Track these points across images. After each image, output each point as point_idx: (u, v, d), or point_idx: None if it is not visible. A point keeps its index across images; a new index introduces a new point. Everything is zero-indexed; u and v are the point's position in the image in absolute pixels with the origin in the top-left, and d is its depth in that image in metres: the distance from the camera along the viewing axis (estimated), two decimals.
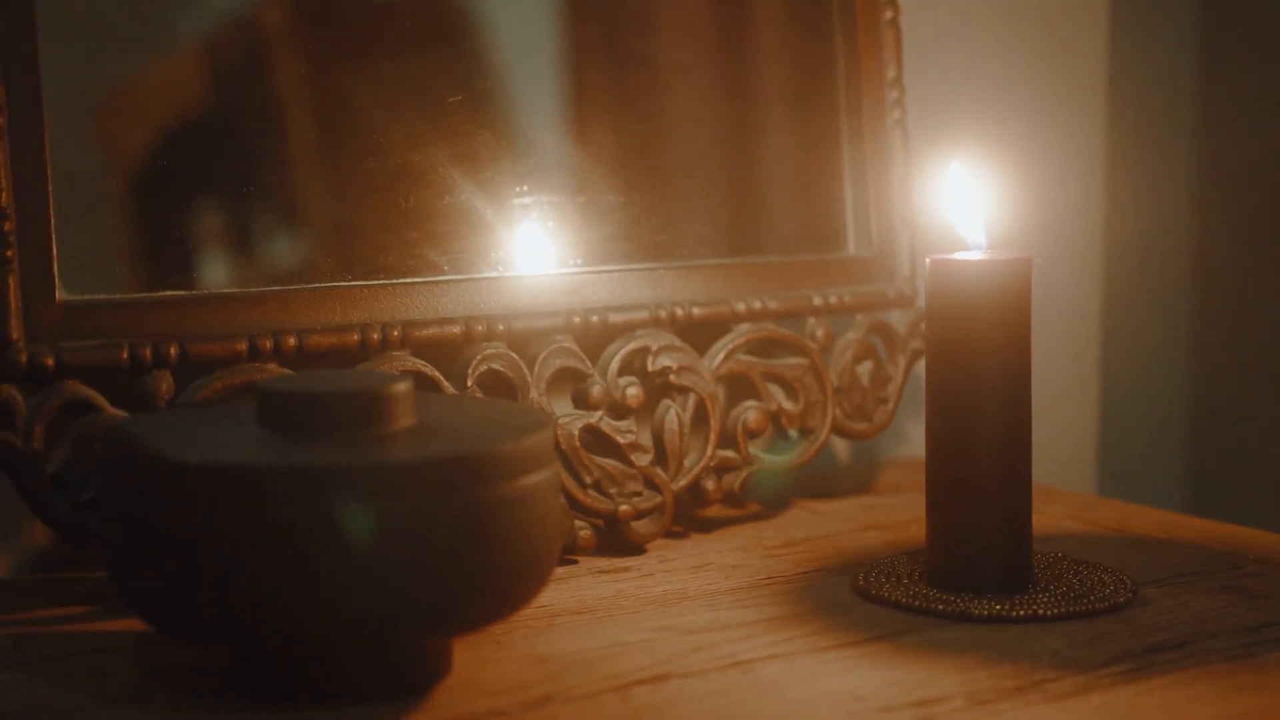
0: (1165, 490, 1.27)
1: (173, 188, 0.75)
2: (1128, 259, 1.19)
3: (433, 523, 0.57)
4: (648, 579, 0.78)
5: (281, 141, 0.76)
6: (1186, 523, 0.88)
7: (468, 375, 0.78)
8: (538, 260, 0.82)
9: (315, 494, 0.56)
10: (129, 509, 0.59)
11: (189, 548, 0.57)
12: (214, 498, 0.57)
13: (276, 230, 0.76)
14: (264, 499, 0.56)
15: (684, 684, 0.63)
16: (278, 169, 0.76)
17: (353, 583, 0.57)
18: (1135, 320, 1.22)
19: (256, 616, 0.57)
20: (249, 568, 0.56)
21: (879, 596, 0.73)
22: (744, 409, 0.86)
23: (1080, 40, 1.12)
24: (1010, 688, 0.62)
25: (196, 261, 0.74)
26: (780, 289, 0.88)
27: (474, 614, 0.60)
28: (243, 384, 0.72)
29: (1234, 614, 0.71)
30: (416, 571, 0.57)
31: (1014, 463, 0.73)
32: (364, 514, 0.56)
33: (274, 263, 0.76)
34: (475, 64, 0.82)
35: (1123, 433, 1.21)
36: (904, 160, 0.93)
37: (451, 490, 0.58)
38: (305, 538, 0.56)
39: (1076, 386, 1.14)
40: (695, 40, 0.89)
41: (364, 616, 0.57)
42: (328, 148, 0.77)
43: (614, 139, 0.86)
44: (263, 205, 0.76)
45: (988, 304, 0.72)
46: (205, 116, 0.75)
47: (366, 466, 0.57)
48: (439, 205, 0.80)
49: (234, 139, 0.76)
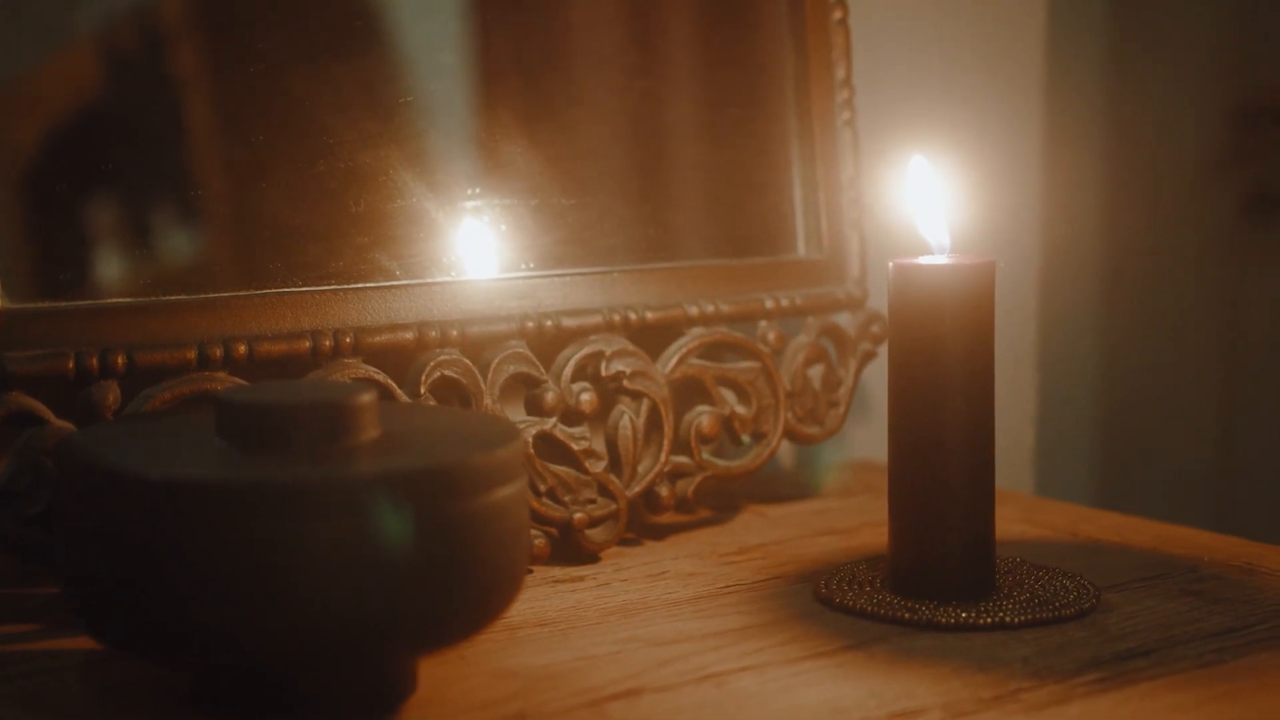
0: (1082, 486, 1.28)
1: (119, 192, 0.72)
2: (1062, 261, 1.19)
3: None
4: (605, 588, 0.77)
5: (230, 145, 0.74)
6: (1139, 525, 0.88)
7: (421, 382, 0.76)
8: (491, 264, 0.81)
9: (285, 509, 0.54)
10: (86, 525, 0.57)
11: (151, 564, 0.55)
12: (178, 513, 0.55)
13: (225, 235, 0.74)
14: (230, 515, 0.54)
15: (658, 699, 0.61)
16: (226, 173, 0.74)
17: (324, 601, 0.55)
18: (1070, 322, 1.23)
19: (221, 635, 0.55)
20: (214, 584, 0.55)
21: (844, 605, 0.72)
22: (697, 414, 0.85)
23: (1018, 41, 1.12)
24: (986, 698, 0.61)
25: (144, 267, 0.72)
26: (732, 292, 0.87)
27: (448, 631, 0.59)
28: (192, 393, 0.70)
29: (1198, 619, 0.70)
30: (389, 589, 0.56)
31: (978, 468, 0.72)
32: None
33: (223, 268, 0.73)
34: (427, 65, 0.80)
35: (1060, 434, 1.22)
36: (853, 161, 0.92)
37: (426, 505, 0.56)
38: (273, 554, 0.54)
39: (1017, 389, 1.14)
40: (647, 41, 0.88)
41: (335, 636, 0.56)
42: (277, 150, 0.75)
43: (566, 141, 0.84)
44: (211, 209, 0.74)
45: (952, 308, 0.71)
46: (151, 118, 0.73)
47: (339, 481, 0.55)
48: (390, 208, 0.78)
49: (181, 142, 0.73)
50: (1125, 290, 1.49)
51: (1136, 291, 1.71)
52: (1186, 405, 1.94)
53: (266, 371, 0.73)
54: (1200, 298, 1.94)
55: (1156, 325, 1.86)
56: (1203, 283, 1.95)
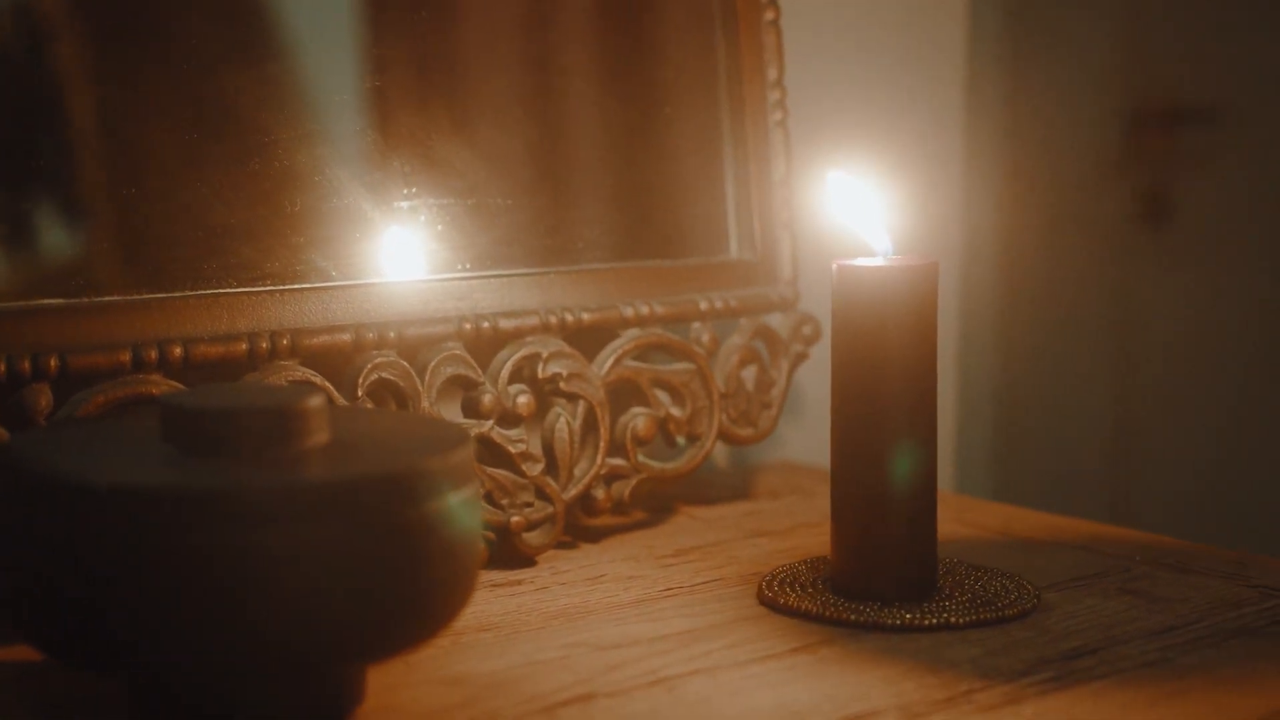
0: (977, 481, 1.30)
1: (48, 191, 0.70)
2: (981, 262, 1.20)
3: (361, 545, 0.55)
4: (545, 592, 0.76)
5: (164, 144, 0.73)
6: (1069, 525, 0.88)
7: (358, 385, 0.75)
8: (428, 265, 0.79)
9: (238, 517, 0.53)
10: (25, 532, 0.55)
11: (97, 573, 0.53)
12: (128, 522, 0.53)
13: (161, 235, 0.72)
14: (183, 522, 0.53)
15: (611, 704, 0.61)
16: (161, 172, 0.72)
17: (278, 610, 0.54)
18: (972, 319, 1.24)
19: (167, 645, 0.54)
20: (160, 594, 0.53)
21: (788, 607, 0.72)
22: (632, 416, 0.85)
23: (940, 42, 1.12)
24: (939, 699, 0.61)
25: (76, 268, 0.70)
26: (667, 293, 0.87)
27: (400, 639, 0.58)
28: (127, 397, 0.69)
29: (1138, 617, 0.71)
30: (342, 597, 0.55)
31: (921, 470, 0.73)
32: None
33: (158, 269, 0.72)
34: (363, 62, 0.79)
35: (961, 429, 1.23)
36: (785, 162, 0.92)
37: (380, 511, 0.55)
38: (227, 561, 0.53)
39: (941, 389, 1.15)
40: (582, 42, 0.87)
41: (288, 645, 0.54)
42: (209, 149, 0.74)
43: (503, 141, 0.83)
44: (146, 209, 0.72)
45: (895, 309, 0.71)
46: (81, 117, 0.71)
47: (292, 487, 0.54)
48: (326, 208, 0.77)
49: (113, 140, 0.71)
50: (1022, 289, 1.51)
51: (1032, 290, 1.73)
52: (1080, 401, 1.97)
53: (202, 374, 0.71)
54: (1095, 297, 1.98)
55: (1052, 324, 1.89)
56: (1097, 282, 1.98)
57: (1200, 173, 1.99)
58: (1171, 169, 2.00)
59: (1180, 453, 1.97)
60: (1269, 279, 1.95)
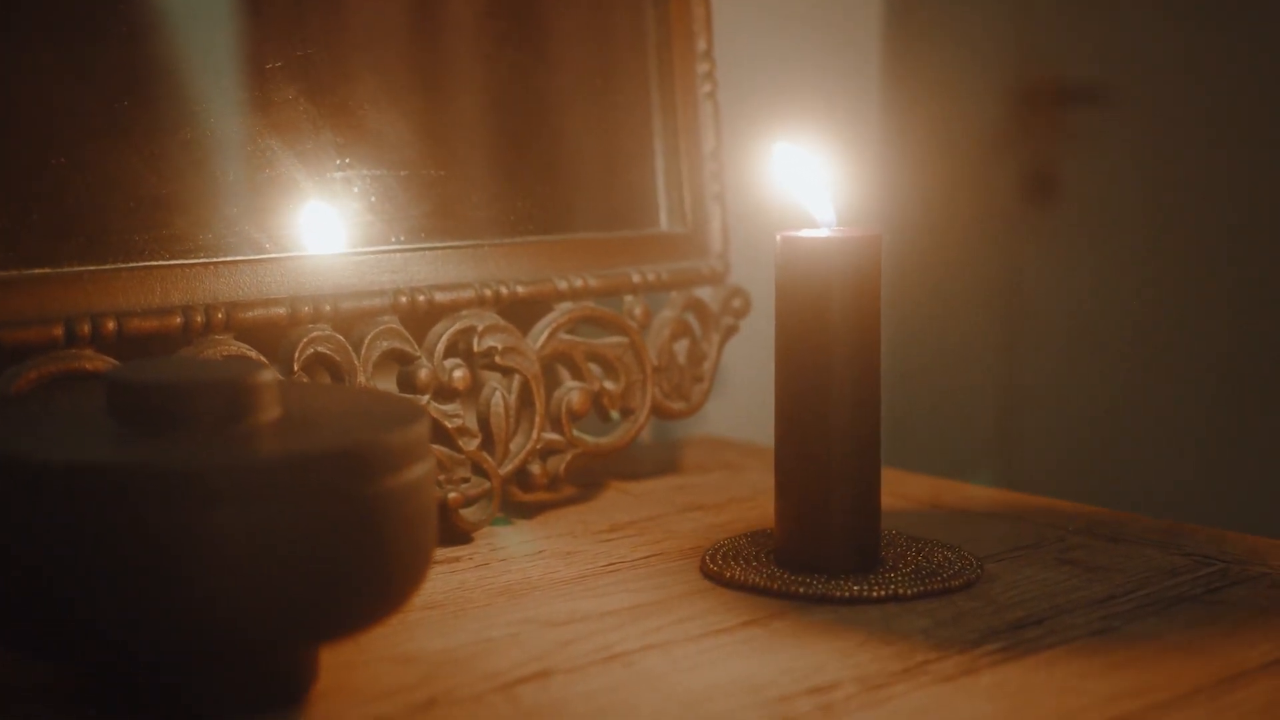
0: None
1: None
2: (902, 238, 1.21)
3: (317, 523, 0.54)
4: (486, 569, 0.75)
5: (93, 110, 0.70)
6: (998, 496, 0.89)
7: (295, 359, 0.73)
8: (362, 237, 0.78)
9: (192, 495, 0.52)
10: None
11: (47, 555, 0.52)
12: (80, 500, 0.51)
13: (89, 206, 0.70)
14: (133, 500, 0.51)
15: (568, 680, 0.60)
16: (89, 139, 0.70)
17: (233, 589, 0.53)
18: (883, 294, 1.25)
19: (122, 625, 0.52)
20: (115, 573, 0.52)
21: (735, 580, 0.72)
22: (567, 390, 0.84)
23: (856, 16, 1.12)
24: (896, 670, 0.61)
25: (4, 240, 0.67)
26: (600, 266, 0.86)
27: (357, 617, 0.57)
28: (60, 372, 0.67)
29: (1079, 587, 0.72)
30: (298, 575, 0.53)
31: (864, 442, 0.72)
32: None
33: (89, 241, 0.69)
34: (294, 29, 0.77)
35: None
36: (715, 134, 0.92)
37: (336, 487, 0.54)
38: (181, 541, 0.52)
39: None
40: (515, 10, 0.86)
41: (243, 624, 0.53)
42: (140, 117, 0.72)
43: (436, 112, 0.82)
44: (75, 179, 0.70)
45: (839, 280, 0.71)
46: (6, 81, 0.68)
47: (249, 465, 0.53)
48: (259, 178, 0.75)
49: (40, 106, 0.69)
50: (912, 264, 1.53)
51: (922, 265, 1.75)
52: (969, 375, 2.00)
53: (135, 349, 0.69)
54: (984, 271, 2.00)
55: (941, 298, 1.91)
56: (987, 256, 2.00)
57: (1086, 151, 2.02)
58: (1058, 147, 2.03)
59: (1067, 422, 2.01)
60: (1151, 255, 1.99)
